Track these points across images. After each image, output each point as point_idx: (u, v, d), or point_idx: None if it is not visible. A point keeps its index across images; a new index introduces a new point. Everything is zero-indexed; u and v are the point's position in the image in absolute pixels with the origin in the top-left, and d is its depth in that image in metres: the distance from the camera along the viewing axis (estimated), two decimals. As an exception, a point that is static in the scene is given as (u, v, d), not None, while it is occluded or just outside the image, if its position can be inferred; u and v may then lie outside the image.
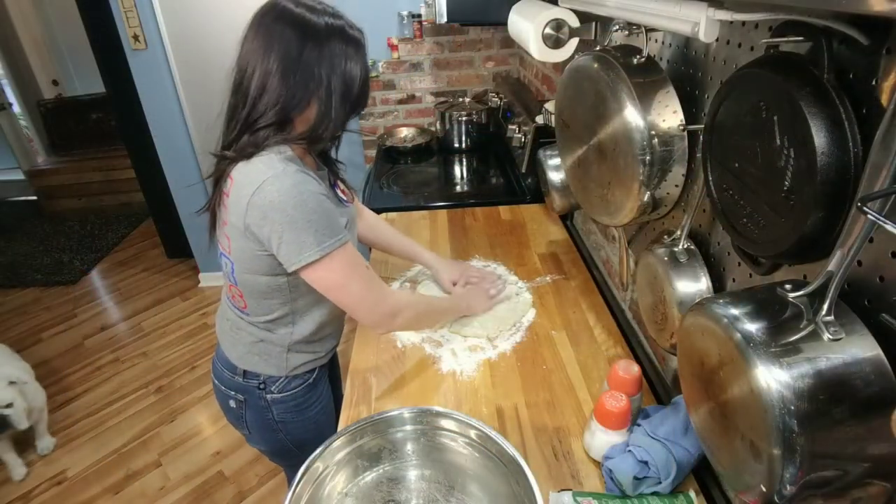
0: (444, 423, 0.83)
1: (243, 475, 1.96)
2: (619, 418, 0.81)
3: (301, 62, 0.85)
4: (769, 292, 0.51)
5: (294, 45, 0.85)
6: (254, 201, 0.85)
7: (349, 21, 0.91)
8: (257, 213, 0.85)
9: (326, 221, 0.87)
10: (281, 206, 0.84)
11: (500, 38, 2.47)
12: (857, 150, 0.46)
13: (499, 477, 0.77)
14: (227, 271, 0.99)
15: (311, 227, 0.85)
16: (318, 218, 0.86)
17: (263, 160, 0.86)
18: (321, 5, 0.89)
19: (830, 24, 0.47)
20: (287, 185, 0.84)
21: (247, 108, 0.88)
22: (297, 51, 0.85)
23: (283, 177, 0.84)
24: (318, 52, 0.86)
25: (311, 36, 0.85)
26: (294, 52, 0.85)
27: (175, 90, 2.52)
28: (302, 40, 0.85)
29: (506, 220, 1.67)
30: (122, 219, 4.02)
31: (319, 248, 0.86)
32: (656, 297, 0.84)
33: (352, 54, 0.89)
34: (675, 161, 0.77)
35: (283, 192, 0.83)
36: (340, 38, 0.88)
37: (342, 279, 0.91)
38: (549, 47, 1.05)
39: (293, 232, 0.85)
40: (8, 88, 4.16)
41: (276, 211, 0.84)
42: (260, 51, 0.86)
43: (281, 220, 0.84)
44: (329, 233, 0.87)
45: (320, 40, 0.86)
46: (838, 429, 0.44)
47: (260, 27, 0.87)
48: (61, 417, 2.26)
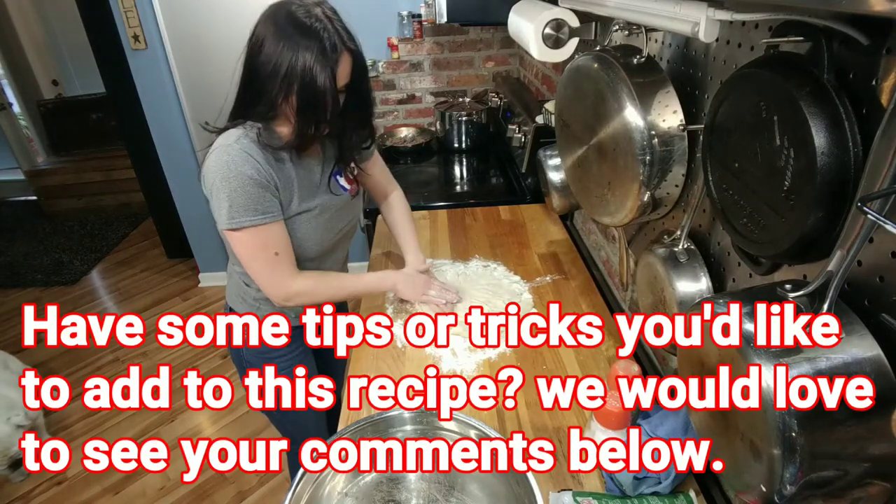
0: (443, 423, 0.83)
1: (243, 475, 1.96)
2: (619, 418, 0.81)
3: (272, 59, 0.92)
4: (769, 292, 0.51)
5: (273, 42, 0.91)
6: (204, 167, 0.99)
7: (341, 29, 0.93)
8: (203, 176, 0.99)
9: (244, 200, 0.96)
10: (211, 176, 0.96)
11: (500, 38, 2.47)
12: (857, 150, 0.46)
13: (499, 477, 0.77)
14: None
15: (227, 201, 0.96)
16: (236, 196, 0.95)
17: (226, 133, 0.98)
18: (320, 10, 0.93)
19: (830, 24, 0.47)
20: (222, 159, 0.95)
21: (237, 93, 1.00)
22: (272, 48, 0.92)
23: (223, 152, 0.95)
24: (290, 52, 0.91)
25: (287, 36, 0.91)
26: (270, 49, 0.92)
27: (175, 90, 2.52)
28: (279, 39, 0.91)
29: (506, 220, 1.67)
30: (122, 219, 4.02)
31: (229, 220, 0.97)
32: (656, 297, 0.84)
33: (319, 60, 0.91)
34: (675, 161, 0.77)
35: (217, 164, 0.95)
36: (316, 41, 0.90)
37: (246, 255, 1.02)
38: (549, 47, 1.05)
39: (215, 198, 0.97)
40: (8, 88, 4.16)
41: (208, 177, 0.97)
42: (254, 45, 0.95)
43: (209, 185, 0.97)
44: (242, 211, 0.96)
45: (297, 41, 0.90)
46: (838, 429, 0.44)
47: (259, 23, 0.95)
48: (61, 417, 2.26)
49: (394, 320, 1.22)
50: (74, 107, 4.23)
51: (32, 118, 4.26)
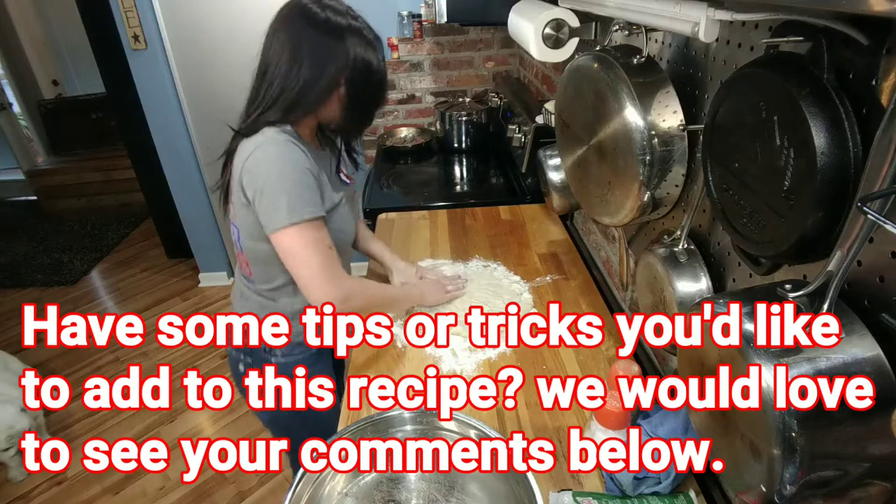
0: (443, 423, 0.83)
1: (243, 475, 1.96)
2: (619, 418, 0.81)
3: (322, 56, 0.92)
4: (769, 292, 0.51)
5: (315, 40, 0.92)
6: (247, 166, 0.92)
7: (367, 24, 0.98)
8: (247, 176, 0.92)
9: (301, 191, 0.92)
10: (265, 171, 0.91)
11: (500, 38, 2.47)
12: (857, 150, 0.46)
13: (499, 477, 0.77)
14: (234, 239, 1.06)
15: (285, 194, 0.90)
16: (293, 187, 0.91)
17: (262, 133, 0.94)
18: (343, 6, 0.97)
19: (830, 24, 0.47)
20: (273, 152, 0.91)
21: (269, 94, 0.95)
22: (320, 46, 0.92)
23: (271, 144, 0.91)
24: (338, 48, 0.93)
25: (333, 33, 0.93)
26: (318, 47, 0.92)
27: (175, 90, 2.52)
28: (324, 36, 0.92)
29: (506, 220, 1.67)
30: (122, 219, 4.02)
31: (289, 214, 0.91)
32: (656, 297, 0.84)
33: (370, 51, 0.96)
34: (675, 161, 0.77)
35: (268, 157, 0.91)
36: (359, 37, 0.95)
37: (303, 250, 0.95)
38: (549, 47, 1.05)
39: (269, 195, 0.91)
40: (8, 88, 4.16)
41: (259, 175, 0.91)
42: (287, 45, 0.93)
43: (262, 182, 0.91)
44: (301, 203, 0.92)
45: (342, 37, 0.93)
46: (838, 429, 0.44)
47: (286, 23, 0.94)
48: (61, 417, 2.26)
49: (394, 320, 1.22)
50: (74, 107, 4.24)
51: (32, 118, 4.26)
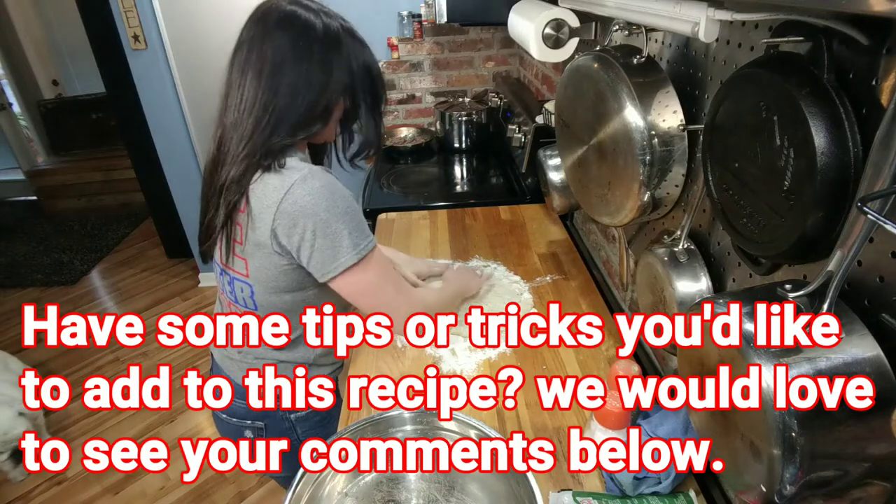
0: (443, 423, 0.83)
1: (243, 475, 1.96)
2: (620, 418, 0.81)
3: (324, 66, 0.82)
4: (769, 292, 0.51)
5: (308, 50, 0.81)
6: (283, 208, 0.78)
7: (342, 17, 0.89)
8: (287, 220, 0.78)
9: (357, 222, 0.83)
10: (313, 210, 0.78)
11: (500, 38, 2.47)
12: (857, 150, 0.46)
13: (499, 477, 0.77)
14: (242, 296, 0.91)
15: (345, 230, 0.80)
16: (351, 220, 0.81)
17: (293, 168, 0.81)
18: (319, 6, 0.86)
19: (830, 24, 0.47)
20: (317, 186, 0.78)
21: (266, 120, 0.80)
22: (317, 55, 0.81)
23: (312, 178, 0.79)
24: (338, 54, 0.83)
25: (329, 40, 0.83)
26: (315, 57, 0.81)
27: (175, 90, 2.52)
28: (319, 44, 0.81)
29: (506, 220, 1.67)
30: (122, 219, 4.02)
31: (356, 250, 0.82)
32: (656, 297, 0.84)
33: (367, 52, 0.88)
34: (675, 161, 0.77)
35: (314, 194, 0.78)
36: (352, 37, 0.86)
37: (378, 280, 0.87)
38: (549, 47, 1.05)
39: (327, 237, 0.79)
40: (8, 88, 4.16)
41: (308, 216, 0.78)
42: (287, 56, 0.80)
43: (313, 225, 0.79)
44: (361, 234, 0.83)
45: (339, 42, 0.83)
46: (838, 429, 0.44)
47: (276, 29, 0.81)
48: (61, 417, 2.26)
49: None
50: (74, 107, 4.24)
51: (32, 118, 4.26)
